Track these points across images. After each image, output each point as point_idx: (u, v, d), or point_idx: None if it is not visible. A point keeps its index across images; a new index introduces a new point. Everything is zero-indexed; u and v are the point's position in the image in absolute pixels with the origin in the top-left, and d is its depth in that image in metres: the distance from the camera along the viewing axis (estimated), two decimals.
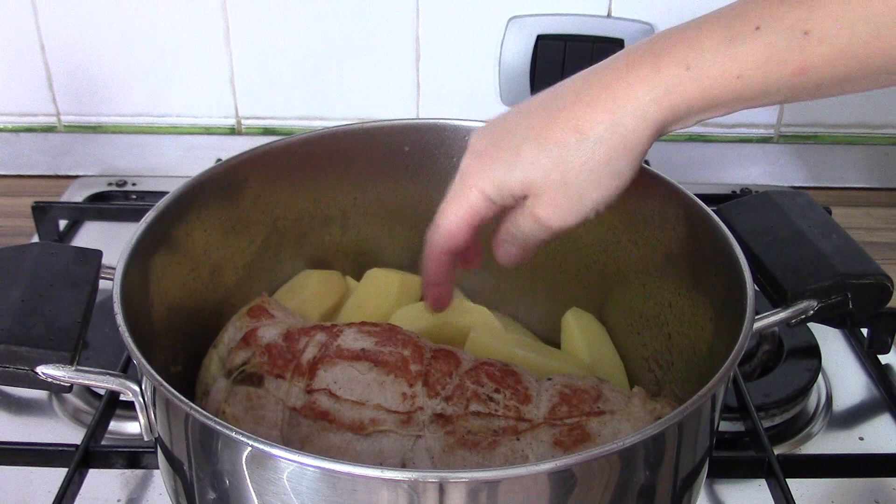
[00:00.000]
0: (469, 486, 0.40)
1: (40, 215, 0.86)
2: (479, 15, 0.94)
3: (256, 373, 0.54)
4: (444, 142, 0.66)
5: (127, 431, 0.67)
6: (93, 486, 0.61)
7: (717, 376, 0.45)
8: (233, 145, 0.99)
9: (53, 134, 1.02)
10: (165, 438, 0.48)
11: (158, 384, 0.44)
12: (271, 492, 0.42)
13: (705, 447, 0.49)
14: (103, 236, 0.89)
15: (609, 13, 0.94)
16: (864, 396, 0.72)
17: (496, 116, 0.53)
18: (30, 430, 0.68)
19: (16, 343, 0.47)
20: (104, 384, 0.49)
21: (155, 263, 0.55)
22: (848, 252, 0.58)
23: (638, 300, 0.63)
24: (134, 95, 0.99)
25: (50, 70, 0.98)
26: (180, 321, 0.58)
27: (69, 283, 0.52)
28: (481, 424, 0.51)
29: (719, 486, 0.64)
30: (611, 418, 0.51)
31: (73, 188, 0.99)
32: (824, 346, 0.74)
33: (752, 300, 0.49)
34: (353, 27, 0.95)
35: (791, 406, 0.69)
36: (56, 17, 0.95)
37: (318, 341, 0.56)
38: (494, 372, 0.54)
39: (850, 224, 0.65)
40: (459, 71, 0.97)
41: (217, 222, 0.61)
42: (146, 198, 0.96)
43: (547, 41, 0.93)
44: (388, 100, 0.99)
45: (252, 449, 0.41)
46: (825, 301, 0.56)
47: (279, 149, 0.64)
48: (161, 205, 0.56)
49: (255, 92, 0.99)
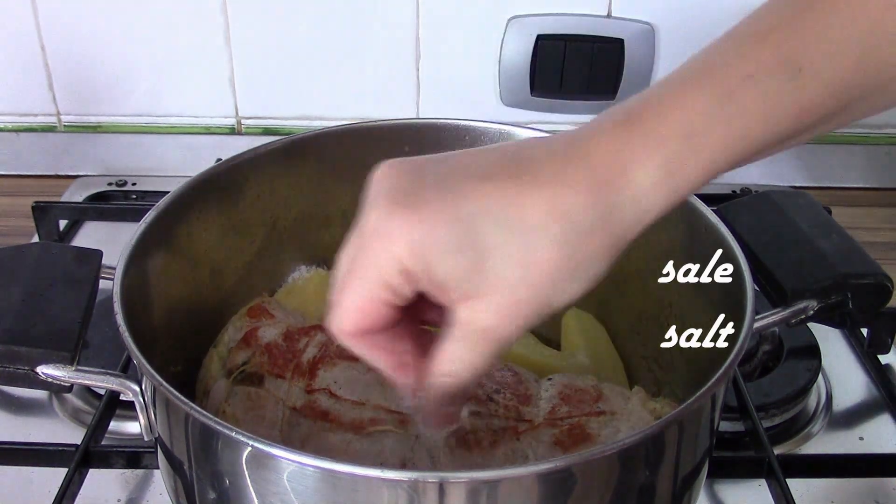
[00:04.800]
0: (469, 486, 0.40)
1: (40, 215, 0.86)
2: (479, 15, 0.94)
3: (256, 373, 0.54)
4: (443, 142, 0.66)
5: (127, 431, 0.67)
6: (93, 486, 0.61)
7: (717, 376, 0.45)
8: (233, 145, 0.99)
9: (53, 134, 1.02)
10: (165, 438, 0.48)
11: (158, 384, 0.44)
12: (271, 492, 0.42)
13: (705, 447, 0.49)
14: (103, 236, 0.89)
15: (609, 13, 0.94)
16: (864, 396, 0.72)
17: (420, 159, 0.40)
18: (30, 430, 0.67)
19: (16, 343, 0.47)
20: (104, 384, 0.49)
21: (155, 263, 0.55)
22: (848, 252, 0.58)
23: (638, 300, 0.63)
24: (134, 95, 0.99)
25: (50, 70, 0.98)
26: (180, 321, 0.58)
27: (69, 283, 0.52)
28: (481, 424, 0.51)
29: (719, 486, 0.64)
30: (611, 418, 0.51)
31: (73, 188, 0.99)
32: (824, 346, 0.74)
33: (752, 300, 0.49)
34: (353, 27, 0.95)
35: (791, 406, 0.69)
36: (56, 17, 0.95)
37: (318, 341, 0.56)
38: (494, 372, 0.54)
39: (850, 224, 0.65)
40: (459, 71, 0.97)
41: (217, 222, 0.61)
42: (146, 198, 0.96)
43: (547, 41, 0.93)
44: (388, 100, 0.99)
45: (252, 449, 0.41)
46: (825, 301, 0.56)
47: (279, 149, 0.64)
48: (161, 205, 0.56)
49: (255, 92, 0.99)
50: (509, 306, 0.38)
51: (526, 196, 0.37)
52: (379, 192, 0.39)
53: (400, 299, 0.39)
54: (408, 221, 0.37)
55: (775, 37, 0.39)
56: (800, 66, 0.38)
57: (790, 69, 0.38)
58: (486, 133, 0.66)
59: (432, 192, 0.38)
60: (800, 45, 0.38)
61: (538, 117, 0.97)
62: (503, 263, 0.37)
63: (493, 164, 0.39)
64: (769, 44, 0.39)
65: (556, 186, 0.37)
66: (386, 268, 0.38)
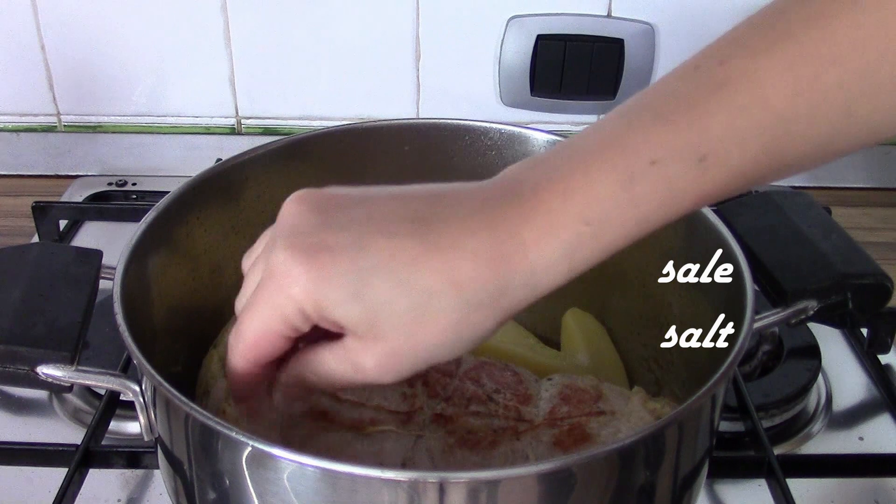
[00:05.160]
0: (469, 486, 0.40)
1: (40, 215, 0.86)
2: (478, 15, 0.94)
3: None
4: (444, 142, 0.66)
5: (127, 431, 0.67)
6: (93, 486, 0.61)
7: (717, 376, 0.45)
8: (233, 145, 0.99)
9: (53, 134, 1.02)
10: (165, 438, 0.48)
11: (158, 384, 0.44)
12: (271, 492, 0.42)
13: (705, 447, 0.49)
14: (103, 236, 0.89)
15: (609, 13, 0.94)
16: (864, 396, 0.72)
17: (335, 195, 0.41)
18: (30, 430, 0.67)
19: (16, 343, 0.47)
20: (104, 384, 0.49)
21: (155, 263, 0.55)
22: (848, 252, 0.58)
23: (638, 300, 0.63)
24: (134, 95, 0.99)
25: (50, 70, 0.98)
26: (180, 321, 0.58)
27: (69, 283, 0.52)
28: (481, 424, 0.51)
29: (719, 486, 0.64)
30: (611, 418, 0.51)
31: (73, 188, 0.99)
32: (824, 346, 0.74)
33: (752, 300, 0.49)
34: (354, 27, 0.95)
35: (791, 406, 0.69)
36: (56, 17, 0.95)
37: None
38: (494, 372, 0.54)
39: (850, 224, 0.65)
40: (459, 71, 0.97)
41: (217, 222, 0.61)
42: (146, 198, 0.96)
43: (547, 41, 0.93)
44: (388, 100, 0.99)
45: (252, 449, 0.41)
46: (825, 301, 0.56)
47: (279, 149, 0.64)
48: (161, 205, 0.56)
49: (255, 92, 0.99)
50: (389, 357, 0.40)
51: (424, 261, 0.38)
52: (284, 229, 0.40)
53: (295, 333, 0.41)
54: (306, 269, 0.39)
55: (681, 120, 0.39)
56: (704, 154, 0.38)
57: (694, 157, 0.38)
58: (486, 133, 0.66)
59: (334, 239, 0.39)
60: (704, 133, 0.38)
61: (538, 117, 0.97)
62: (391, 320, 0.39)
63: (401, 219, 0.39)
64: (674, 127, 0.38)
65: (455, 253, 0.38)
66: (284, 307, 0.40)
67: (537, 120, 0.97)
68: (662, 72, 0.95)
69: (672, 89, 0.40)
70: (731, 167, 0.39)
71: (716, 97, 0.39)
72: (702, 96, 0.39)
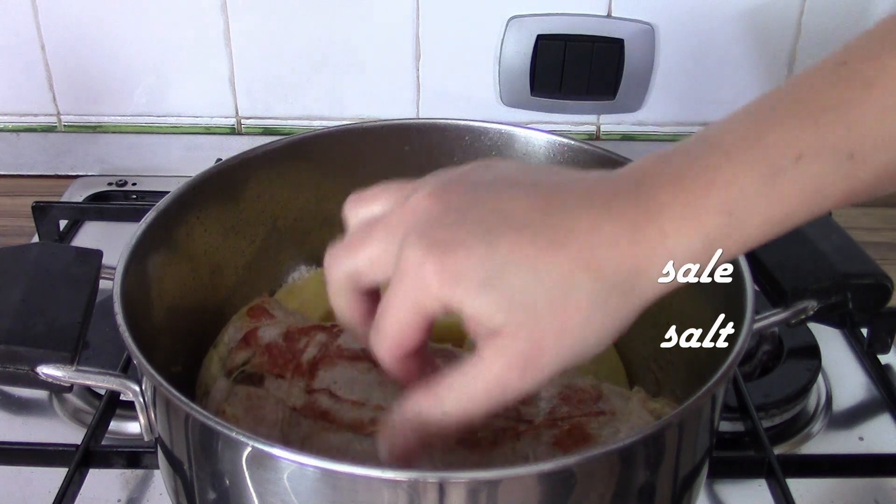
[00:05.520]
0: (469, 486, 0.40)
1: (40, 215, 0.86)
2: (478, 15, 0.94)
3: (256, 373, 0.54)
4: (444, 142, 0.66)
5: (127, 431, 0.67)
6: (93, 486, 0.61)
7: (717, 376, 0.45)
8: (233, 145, 0.99)
9: (53, 134, 1.02)
10: (165, 438, 0.48)
11: (158, 384, 0.44)
12: (271, 492, 0.42)
13: (705, 447, 0.49)
14: (103, 236, 0.89)
15: (609, 13, 0.94)
16: (864, 396, 0.72)
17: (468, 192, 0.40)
18: (30, 430, 0.67)
19: (16, 343, 0.47)
20: (104, 384, 0.49)
21: (155, 263, 0.55)
22: (848, 252, 0.58)
23: None
24: (134, 95, 0.99)
25: (50, 70, 0.98)
26: (180, 321, 0.58)
27: (69, 283, 0.52)
28: (481, 424, 0.51)
29: (719, 486, 0.64)
30: (611, 418, 0.51)
31: (73, 188, 0.99)
32: (824, 346, 0.74)
33: (752, 300, 0.49)
34: (353, 27, 0.95)
35: (791, 406, 0.69)
36: (56, 17, 0.95)
37: (318, 341, 0.56)
38: None
39: (850, 224, 0.65)
40: (459, 71, 0.97)
41: (217, 222, 0.61)
42: (146, 198, 0.96)
43: (547, 41, 0.93)
44: (388, 100, 0.99)
45: (252, 449, 0.41)
46: (825, 301, 0.56)
47: (279, 149, 0.64)
48: (161, 205, 0.56)
49: (255, 92, 0.99)
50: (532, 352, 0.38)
51: (559, 248, 0.38)
52: (416, 225, 0.40)
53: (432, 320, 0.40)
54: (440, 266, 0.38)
55: (827, 117, 0.38)
56: (851, 151, 0.38)
57: (842, 154, 0.38)
58: (486, 133, 0.66)
59: (468, 236, 0.38)
60: (853, 130, 0.38)
61: (538, 117, 0.97)
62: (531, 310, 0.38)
63: (532, 210, 0.39)
64: (820, 126, 0.38)
65: (593, 239, 0.38)
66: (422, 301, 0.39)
67: (537, 120, 0.97)
68: (662, 72, 0.96)
69: (814, 86, 0.40)
70: (877, 166, 0.38)
71: (865, 95, 0.38)
72: (850, 94, 0.38)
